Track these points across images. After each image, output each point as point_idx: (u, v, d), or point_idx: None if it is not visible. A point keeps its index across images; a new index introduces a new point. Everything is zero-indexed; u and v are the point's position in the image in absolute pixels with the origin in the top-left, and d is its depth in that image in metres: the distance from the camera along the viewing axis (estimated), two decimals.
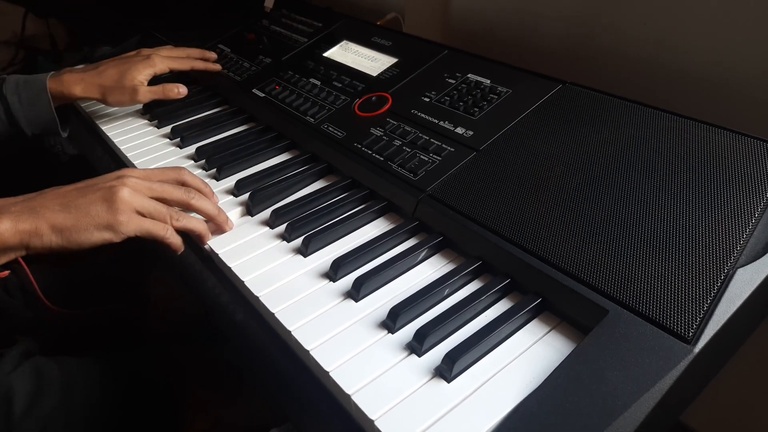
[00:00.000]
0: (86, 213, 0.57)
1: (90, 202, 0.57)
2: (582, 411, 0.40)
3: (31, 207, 0.56)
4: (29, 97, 0.82)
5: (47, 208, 0.56)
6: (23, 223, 0.55)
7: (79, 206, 0.57)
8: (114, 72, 0.86)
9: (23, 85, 0.83)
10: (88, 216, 0.57)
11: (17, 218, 0.55)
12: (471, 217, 0.58)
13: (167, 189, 0.62)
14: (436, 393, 0.45)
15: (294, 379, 0.50)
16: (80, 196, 0.58)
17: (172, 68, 0.92)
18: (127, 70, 0.86)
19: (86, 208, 0.57)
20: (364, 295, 0.54)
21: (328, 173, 0.74)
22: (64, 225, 0.56)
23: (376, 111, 0.76)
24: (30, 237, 0.55)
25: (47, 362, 0.63)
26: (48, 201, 0.57)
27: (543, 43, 0.94)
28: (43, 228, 0.56)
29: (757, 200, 0.51)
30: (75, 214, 0.56)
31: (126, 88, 0.85)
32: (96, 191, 0.58)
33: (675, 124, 0.59)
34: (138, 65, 0.87)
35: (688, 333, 0.43)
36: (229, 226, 0.64)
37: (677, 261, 0.48)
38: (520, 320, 0.50)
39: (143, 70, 0.87)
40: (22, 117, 0.82)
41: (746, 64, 0.71)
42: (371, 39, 0.91)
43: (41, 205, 0.57)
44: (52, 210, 0.56)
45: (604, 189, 0.56)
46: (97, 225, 0.57)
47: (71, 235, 0.56)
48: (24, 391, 0.58)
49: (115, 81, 0.85)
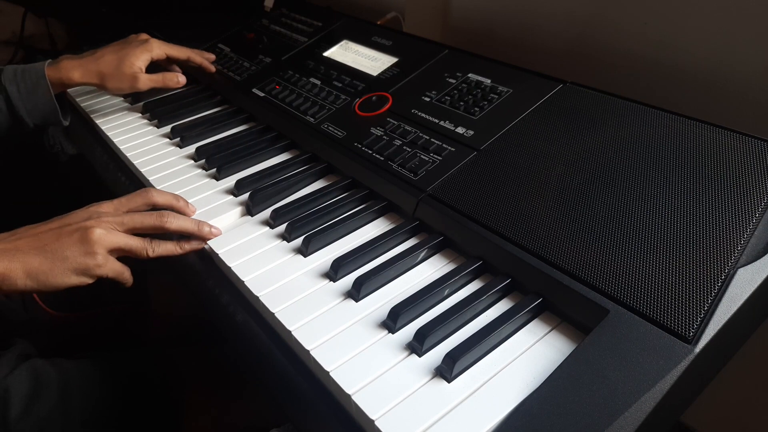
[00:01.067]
0: (61, 257, 0.56)
1: (65, 246, 0.56)
2: (583, 411, 0.40)
3: (5, 249, 0.55)
4: (28, 85, 0.82)
5: (21, 251, 0.55)
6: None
7: (55, 251, 0.56)
8: (112, 58, 0.85)
9: (21, 73, 0.82)
10: (64, 261, 0.56)
11: None
12: (471, 217, 0.58)
13: (138, 219, 0.61)
14: (437, 393, 0.45)
15: (294, 379, 0.50)
16: (54, 239, 0.57)
17: (169, 54, 0.91)
18: (126, 56, 0.85)
19: (62, 252, 0.56)
20: (364, 295, 0.54)
21: (328, 173, 0.74)
22: (39, 270, 0.55)
23: (377, 111, 0.76)
24: (2, 279, 0.54)
25: (44, 364, 0.62)
26: (22, 244, 0.56)
27: (543, 42, 0.93)
28: (17, 272, 0.55)
29: (758, 200, 0.51)
30: (51, 259, 0.55)
31: (125, 75, 0.85)
32: (71, 234, 0.57)
33: (675, 123, 0.59)
34: (136, 50, 0.86)
35: (689, 333, 0.43)
36: (213, 234, 0.63)
37: (678, 261, 0.48)
38: (521, 320, 0.50)
39: (141, 55, 0.87)
40: (22, 106, 0.82)
41: (746, 64, 0.71)
42: (371, 38, 0.91)
43: (15, 248, 0.56)
44: (26, 253, 0.55)
45: (604, 189, 0.56)
46: (73, 269, 0.56)
47: (46, 280, 0.56)
48: (21, 394, 0.58)
49: (114, 67, 0.85)
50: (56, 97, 0.84)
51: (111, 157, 0.85)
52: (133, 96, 0.96)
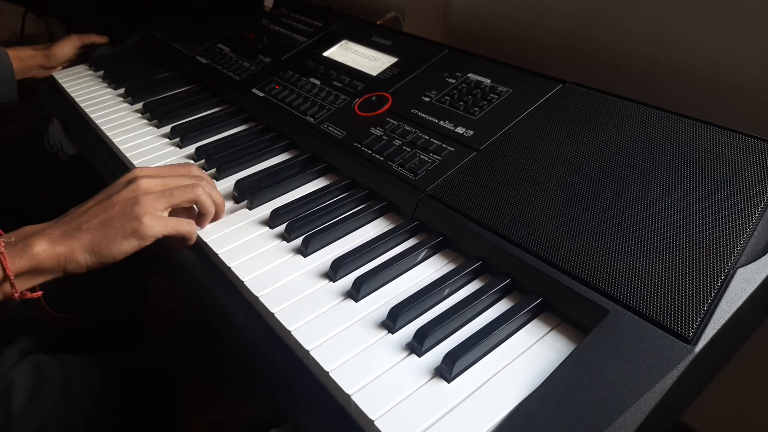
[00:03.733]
0: (110, 225, 0.58)
1: (112, 214, 0.58)
2: (582, 411, 0.40)
3: (64, 230, 0.58)
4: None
5: (77, 228, 0.58)
6: (59, 245, 0.56)
7: (104, 220, 0.58)
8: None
9: None
10: (112, 227, 0.58)
11: (53, 241, 0.56)
12: (471, 217, 0.58)
13: (179, 181, 0.63)
14: (436, 393, 0.45)
15: (294, 379, 0.50)
16: (102, 210, 0.59)
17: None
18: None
19: (109, 220, 0.58)
20: (364, 295, 0.54)
21: (327, 173, 0.74)
22: (93, 242, 0.57)
23: (376, 111, 0.76)
24: (66, 260, 0.57)
25: (47, 359, 0.63)
26: (76, 221, 0.59)
27: (543, 42, 0.93)
28: (77, 249, 0.57)
29: (758, 200, 0.51)
30: (101, 230, 0.58)
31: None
32: (115, 202, 0.59)
33: (675, 123, 0.59)
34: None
35: (689, 333, 0.43)
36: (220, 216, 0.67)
37: (678, 260, 0.48)
38: (521, 320, 0.50)
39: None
40: None
41: (746, 64, 0.71)
42: (371, 38, 0.91)
43: (71, 227, 0.58)
44: (81, 230, 0.58)
45: (604, 188, 0.56)
46: (124, 234, 0.58)
47: (102, 251, 0.57)
48: (24, 387, 0.59)
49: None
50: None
51: (111, 157, 0.85)
52: (133, 96, 0.96)
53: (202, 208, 0.64)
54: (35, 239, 0.56)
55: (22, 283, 0.56)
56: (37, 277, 0.57)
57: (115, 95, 0.99)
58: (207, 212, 0.64)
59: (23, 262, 0.55)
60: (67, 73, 1.10)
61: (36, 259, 0.55)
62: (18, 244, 0.56)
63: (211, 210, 0.64)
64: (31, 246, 0.55)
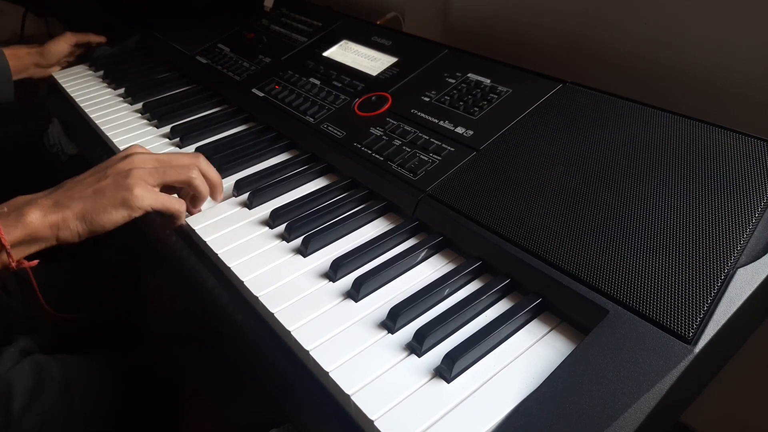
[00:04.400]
0: (102, 194, 0.59)
1: (105, 184, 0.60)
2: (582, 411, 0.40)
3: (56, 199, 0.59)
4: None
5: (69, 198, 0.59)
6: (51, 214, 0.57)
7: (96, 190, 0.59)
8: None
9: None
10: (104, 197, 0.59)
11: (46, 210, 0.57)
12: (471, 217, 0.58)
13: (175, 160, 0.64)
14: (436, 393, 0.45)
15: (294, 379, 0.50)
16: (95, 181, 0.60)
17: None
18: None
19: (102, 190, 0.59)
20: (363, 295, 0.54)
21: (327, 173, 0.74)
22: (85, 210, 0.58)
23: (376, 111, 0.76)
24: (59, 228, 0.58)
25: (47, 359, 0.63)
26: (69, 191, 0.60)
27: (543, 42, 0.93)
28: (69, 217, 0.58)
29: (758, 200, 0.51)
30: (93, 198, 0.59)
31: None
32: (108, 173, 0.61)
33: (675, 123, 0.59)
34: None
35: (689, 333, 0.43)
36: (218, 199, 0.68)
37: (677, 261, 0.48)
38: (520, 320, 0.50)
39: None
40: None
41: (746, 64, 0.71)
42: (371, 38, 0.90)
43: (64, 196, 0.59)
44: (73, 199, 0.59)
45: (604, 189, 0.56)
46: (114, 204, 0.59)
47: (93, 219, 0.58)
48: (23, 387, 0.59)
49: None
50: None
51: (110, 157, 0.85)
52: (133, 96, 0.96)
53: (196, 190, 0.65)
54: (28, 209, 0.57)
55: (17, 252, 0.57)
56: (31, 246, 0.58)
57: (115, 95, 0.99)
58: (200, 194, 0.65)
59: (18, 231, 0.55)
60: (67, 73, 1.10)
61: (30, 227, 0.56)
62: (11, 215, 0.56)
63: (204, 192, 0.65)
64: (25, 215, 0.56)
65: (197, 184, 0.64)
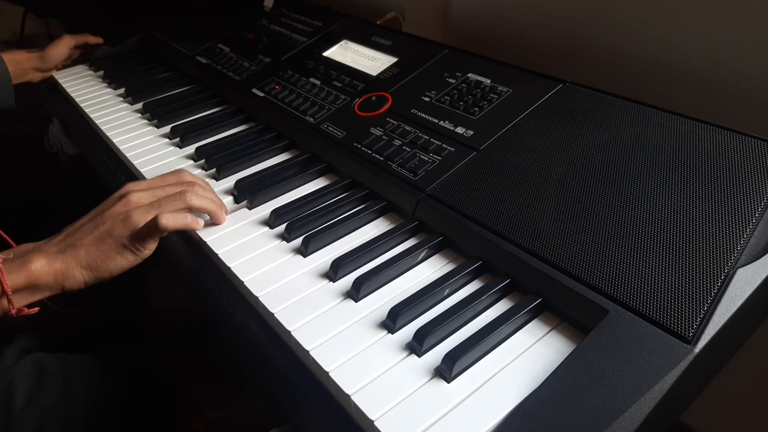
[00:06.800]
0: (103, 241, 0.58)
1: (104, 230, 0.59)
2: (582, 411, 0.40)
3: (60, 248, 0.58)
4: None
5: (73, 246, 0.58)
6: (56, 262, 0.57)
7: (96, 237, 0.59)
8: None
9: None
10: (105, 243, 0.58)
11: (51, 257, 0.57)
12: (471, 217, 0.58)
13: (169, 190, 0.63)
14: (436, 393, 0.45)
15: (294, 379, 0.50)
16: (94, 227, 0.59)
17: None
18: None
19: (102, 236, 0.59)
20: (363, 295, 0.54)
21: (327, 173, 0.74)
22: (89, 258, 0.58)
23: (376, 111, 0.76)
24: (64, 277, 0.57)
25: (47, 358, 0.63)
26: (71, 239, 0.59)
27: (544, 42, 0.93)
28: (73, 266, 0.58)
29: (758, 200, 0.51)
30: (95, 246, 0.58)
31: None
32: (106, 218, 0.60)
33: (675, 123, 0.59)
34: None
35: (689, 333, 0.43)
36: (222, 220, 0.66)
37: (677, 261, 0.48)
38: (520, 320, 0.50)
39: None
40: None
41: (746, 64, 0.71)
42: (371, 38, 0.90)
43: (68, 244, 0.58)
44: (76, 247, 0.58)
45: (604, 189, 0.56)
46: (117, 250, 0.59)
47: (98, 266, 0.58)
48: (25, 385, 0.59)
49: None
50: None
51: (111, 156, 0.85)
52: (133, 96, 0.96)
53: (201, 210, 0.64)
54: (33, 256, 0.56)
55: (19, 299, 0.56)
56: (34, 293, 0.57)
57: (115, 95, 0.99)
58: (209, 210, 0.64)
59: (21, 278, 0.55)
60: (67, 73, 1.10)
61: (34, 275, 0.55)
62: (16, 261, 0.56)
63: (210, 207, 0.64)
64: (29, 262, 0.56)
65: (198, 205, 0.63)
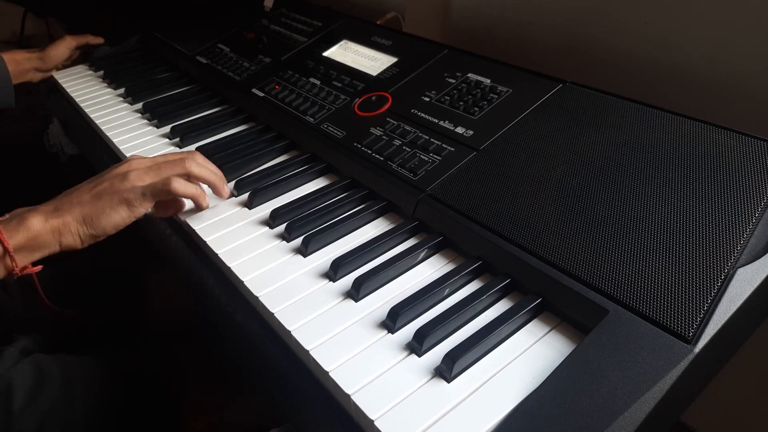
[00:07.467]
0: (100, 198, 0.60)
1: (102, 188, 0.61)
2: (582, 411, 0.40)
3: (56, 206, 0.60)
4: None
5: (69, 203, 0.60)
6: (53, 219, 0.58)
7: (94, 194, 0.60)
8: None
9: None
10: (102, 200, 0.60)
11: (47, 215, 0.58)
12: (471, 217, 0.58)
13: (169, 157, 0.65)
14: (436, 393, 0.45)
15: (294, 379, 0.50)
16: (93, 186, 0.61)
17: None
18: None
19: (99, 194, 0.60)
20: (363, 295, 0.54)
21: (327, 173, 0.74)
22: (85, 214, 0.59)
23: (376, 111, 0.76)
24: (61, 233, 0.58)
25: (47, 359, 0.63)
26: (68, 197, 0.61)
27: (544, 42, 0.93)
28: (70, 221, 0.59)
29: (758, 199, 0.51)
30: (92, 202, 0.60)
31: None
32: (106, 178, 0.62)
33: (675, 123, 0.59)
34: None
35: (689, 333, 0.43)
36: (226, 195, 0.68)
37: (677, 260, 0.48)
38: (520, 320, 0.50)
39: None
40: None
41: (746, 64, 0.71)
42: (371, 38, 0.90)
43: (64, 201, 0.60)
44: (73, 204, 0.60)
45: (604, 188, 0.56)
46: (113, 205, 0.60)
47: (94, 222, 0.59)
48: (24, 386, 0.59)
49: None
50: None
51: (111, 157, 0.85)
52: (133, 96, 0.96)
53: (200, 179, 0.65)
54: (30, 215, 0.57)
55: (20, 258, 0.57)
56: (34, 252, 0.58)
57: (115, 95, 0.99)
58: (209, 181, 0.66)
59: (20, 236, 0.56)
60: (67, 73, 1.10)
61: (32, 232, 0.56)
62: (13, 221, 0.57)
63: (210, 177, 0.66)
64: (26, 221, 0.57)
65: (198, 172, 0.64)
